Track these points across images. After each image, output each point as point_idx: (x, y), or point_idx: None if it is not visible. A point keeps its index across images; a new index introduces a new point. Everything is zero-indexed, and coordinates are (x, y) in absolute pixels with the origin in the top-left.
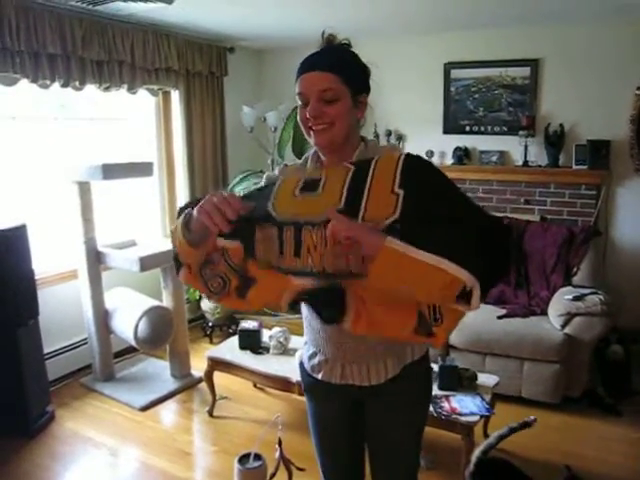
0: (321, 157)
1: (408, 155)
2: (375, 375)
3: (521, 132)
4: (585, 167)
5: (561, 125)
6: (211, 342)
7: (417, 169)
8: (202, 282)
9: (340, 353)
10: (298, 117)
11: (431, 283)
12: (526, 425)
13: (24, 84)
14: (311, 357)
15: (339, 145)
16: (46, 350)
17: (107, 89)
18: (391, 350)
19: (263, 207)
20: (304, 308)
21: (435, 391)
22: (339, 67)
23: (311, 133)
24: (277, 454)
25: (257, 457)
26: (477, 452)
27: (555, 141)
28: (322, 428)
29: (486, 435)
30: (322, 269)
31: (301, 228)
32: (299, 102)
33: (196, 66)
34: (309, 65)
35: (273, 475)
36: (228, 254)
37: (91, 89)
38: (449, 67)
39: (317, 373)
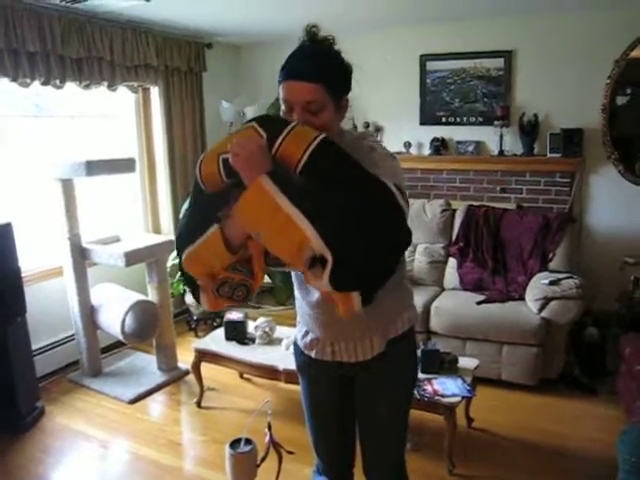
0: None
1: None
2: (361, 352)
3: (496, 122)
4: (559, 155)
5: (535, 115)
6: (196, 335)
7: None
8: (225, 300)
9: (328, 333)
10: None
11: (285, 235)
12: None
13: (4, 83)
14: (303, 336)
15: None
16: (34, 347)
17: (87, 87)
18: (376, 328)
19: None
20: (296, 290)
21: (418, 374)
22: (324, 77)
23: None
24: (267, 438)
25: (248, 442)
26: None
27: (530, 130)
28: (314, 404)
29: (468, 417)
30: None
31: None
32: (283, 106)
33: (175, 62)
34: (294, 73)
35: (264, 459)
36: (241, 264)
37: (71, 87)
38: (425, 59)
39: (310, 351)
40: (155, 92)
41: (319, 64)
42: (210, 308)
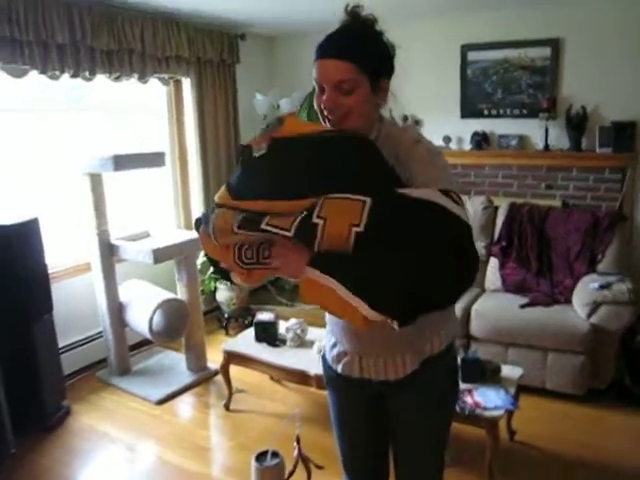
0: None
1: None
2: (392, 370)
3: (541, 115)
4: (609, 150)
5: (583, 107)
6: (227, 333)
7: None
8: (256, 269)
9: (356, 344)
10: (314, 103)
11: (349, 311)
12: None
13: (33, 75)
14: (332, 347)
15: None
16: (61, 344)
17: (117, 79)
18: (409, 345)
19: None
20: None
21: (459, 392)
22: (356, 54)
23: (326, 121)
24: (295, 452)
25: (275, 454)
26: None
27: (577, 124)
28: (343, 422)
29: (510, 429)
30: None
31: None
32: (316, 87)
33: (207, 53)
34: (325, 50)
35: (291, 473)
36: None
37: (101, 79)
38: (466, 49)
39: (337, 365)
40: (187, 84)
41: (351, 39)
42: (246, 283)
